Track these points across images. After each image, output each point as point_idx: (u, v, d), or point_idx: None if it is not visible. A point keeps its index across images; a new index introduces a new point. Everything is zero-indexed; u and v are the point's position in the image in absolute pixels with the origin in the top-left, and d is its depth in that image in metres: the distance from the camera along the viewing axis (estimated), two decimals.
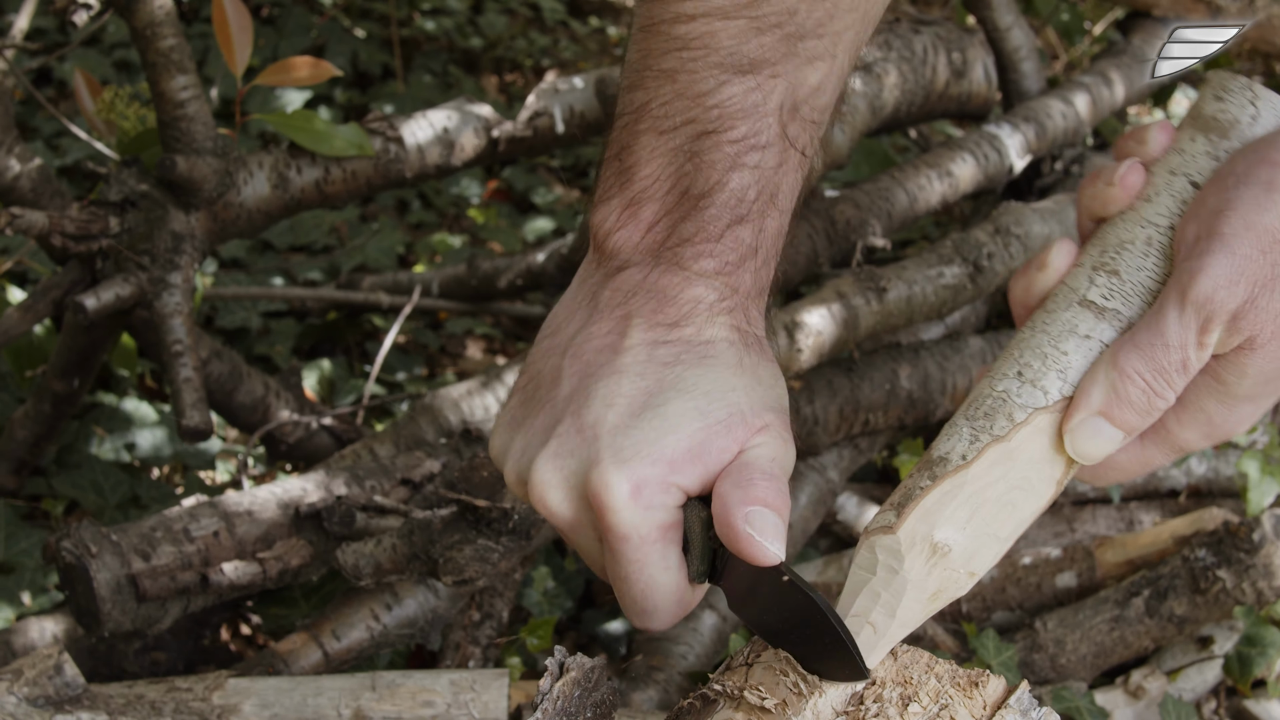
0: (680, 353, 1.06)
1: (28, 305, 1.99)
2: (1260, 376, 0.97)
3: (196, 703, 1.62)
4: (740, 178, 1.07)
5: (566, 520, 1.06)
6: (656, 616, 1.07)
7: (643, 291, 1.08)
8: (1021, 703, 1.05)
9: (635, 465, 1.01)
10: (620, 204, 1.10)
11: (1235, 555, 1.95)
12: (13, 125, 2.02)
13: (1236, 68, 3.25)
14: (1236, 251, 0.95)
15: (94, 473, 2.29)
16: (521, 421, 1.10)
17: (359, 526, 1.78)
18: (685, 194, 1.07)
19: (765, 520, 1.00)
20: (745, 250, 1.08)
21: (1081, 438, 1.01)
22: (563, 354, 1.10)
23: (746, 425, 1.05)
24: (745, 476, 1.02)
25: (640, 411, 1.04)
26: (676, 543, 1.04)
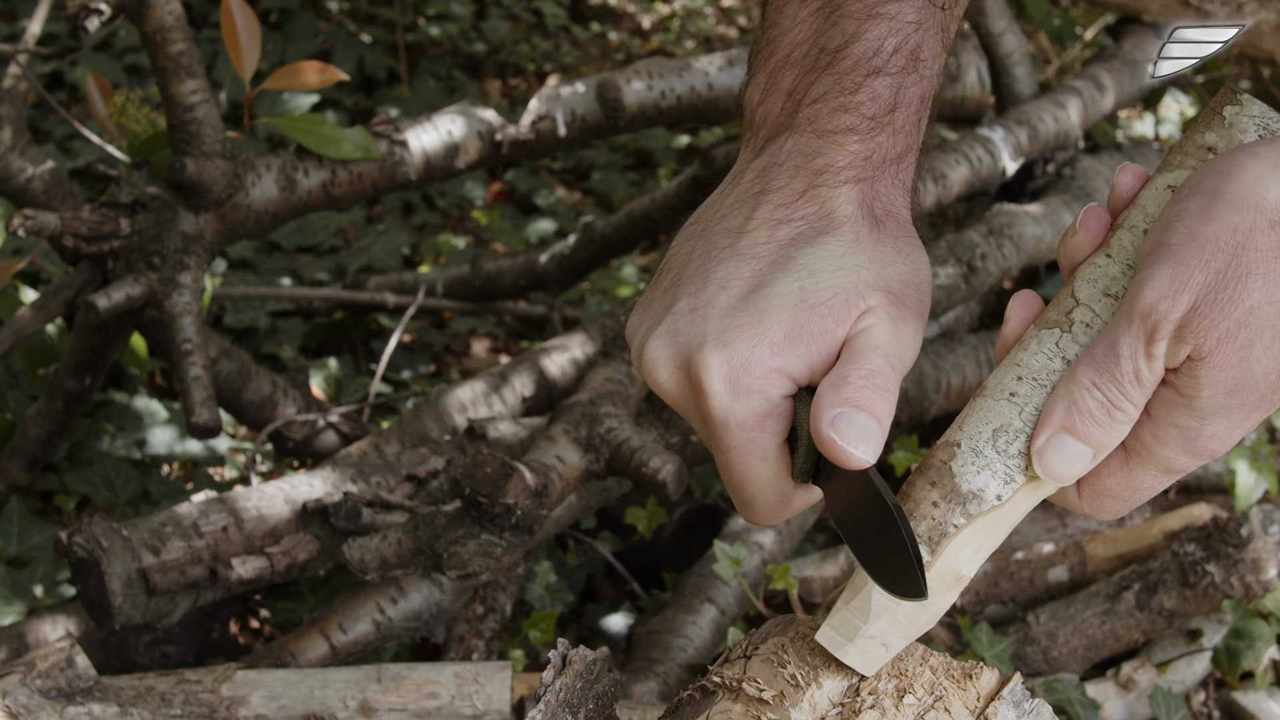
0: (799, 231, 1.03)
1: (40, 305, 1.99)
2: (1218, 387, 0.94)
3: (206, 694, 1.62)
4: (877, 28, 1.04)
5: (674, 398, 1.03)
6: (755, 509, 1.03)
7: (775, 166, 1.05)
8: (1014, 694, 1.05)
9: (736, 347, 0.98)
10: (765, 76, 1.08)
11: (1224, 550, 1.95)
12: (25, 129, 2.02)
13: (1225, 72, 3.25)
14: (1181, 261, 0.92)
15: (105, 469, 2.29)
16: (651, 302, 1.07)
17: (365, 522, 1.78)
18: (822, 51, 1.05)
19: (852, 423, 0.96)
20: (882, 106, 1.04)
21: (1049, 456, 0.98)
22: (698, 237, 1.07)
23: (850, 305, 1.00)
24: (842, 374, 0.98)
25: (749, 293, 1.00)
26: (778, 434, 1.00)
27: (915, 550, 0.97)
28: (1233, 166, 0.93)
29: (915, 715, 1.02)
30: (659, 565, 2.22)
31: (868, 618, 1.01)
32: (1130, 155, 2.75)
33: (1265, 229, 0.91)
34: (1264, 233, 0.91)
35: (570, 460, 1.79)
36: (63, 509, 2.31)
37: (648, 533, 2.11)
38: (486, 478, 1.64)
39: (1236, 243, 0.91)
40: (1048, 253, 2.38)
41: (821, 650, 1.05)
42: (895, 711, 1.02)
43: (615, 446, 1.80)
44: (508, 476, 1.63)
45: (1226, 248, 0.91)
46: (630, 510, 2.11)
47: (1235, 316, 0.92)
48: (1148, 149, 2.86)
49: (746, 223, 1.04)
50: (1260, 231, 0.91)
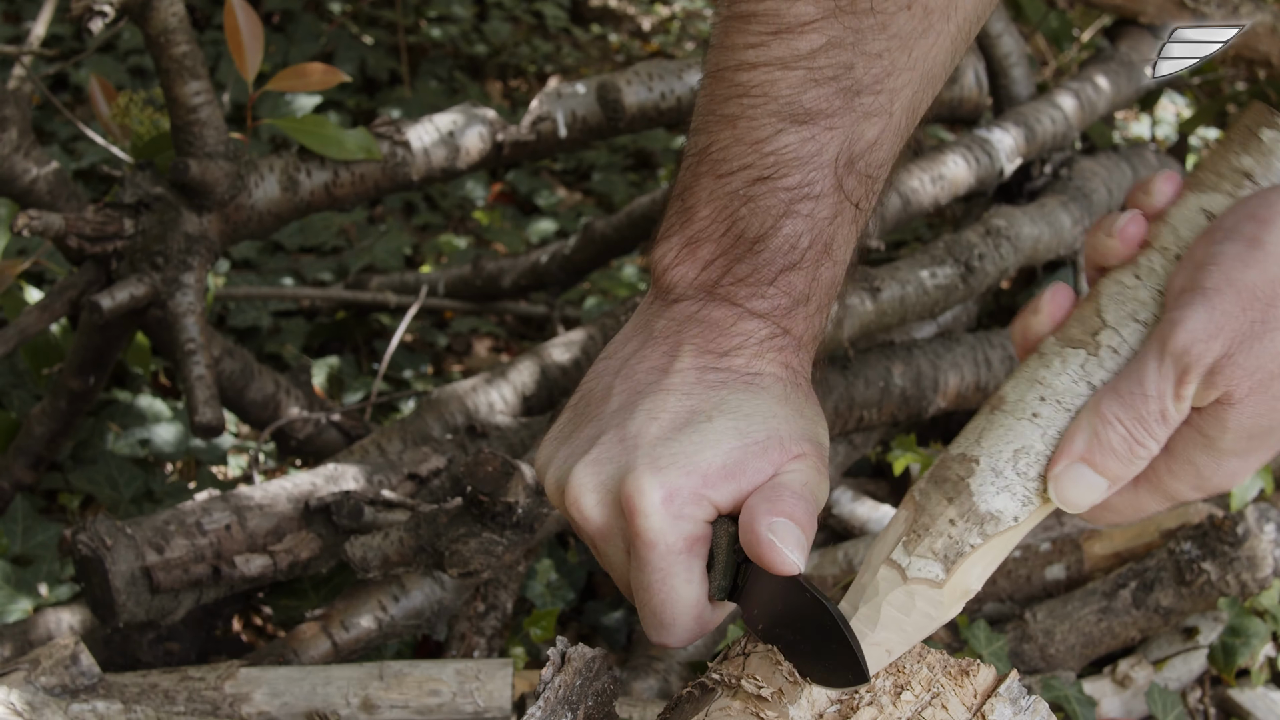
0: (728, 379, 1.07)
1: (45, 305, 1.99)
2: (1242, 431, 0.94)
3: (209, 691, 1.62)
4: (793, 225, 1.07)
5: (597, 526, 1.06)
6: (674, 631, 1.07)
7: (696, 321, 1.09)
8: (1011, 691, 1.05)
9: (670, 474, 1.02)
10: (680, 242, 1.11)
11: (1220, 548, 1.95)
12: (30, 130, 2.02)
13: (1221, 73, 3.25)
14: (1216, 306, 0.92)
15: (109, 468, 2.29)
16: (569, 436, 1.11)
17: (367, 520, 1.78)
18: (740, 237, 1.08)
19: (788, 531, 1.00)
20: (797, 296, 1.09)
21: (1066, 485, 0.99)
22: (615, 374, 1.11)
23: (783, 450, 1.05)
24: (775, 493, 1.03)
25: (682, 426, 1.04)
26: (702, 557, 1.04)
27: (855, 641, 1.00)
28: (1272, 214, 0.93)
29: (913, 712, 1.02)
30: None
31: (875, 627, 1.02)
32: (1127, 156, 2.75)
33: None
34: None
35: None
36: (67, 507, 2.31)
37: None
38: (488, 476, 1.64)
39: (1274, 293, 0.91)
40: (1045, 253, 2.38)
41: None
42: (893, 708, 1.02)
43: None
44: (509, 475, 1.64)
45: (1264, 297, 0.92)
46: None
47: (1270, 367, 0.92)
48: (1145, 150, 2.86)
49: (672, 363, 1.08)
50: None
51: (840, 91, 1.06)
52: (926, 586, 1.00)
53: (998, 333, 2.38)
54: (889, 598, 1.01)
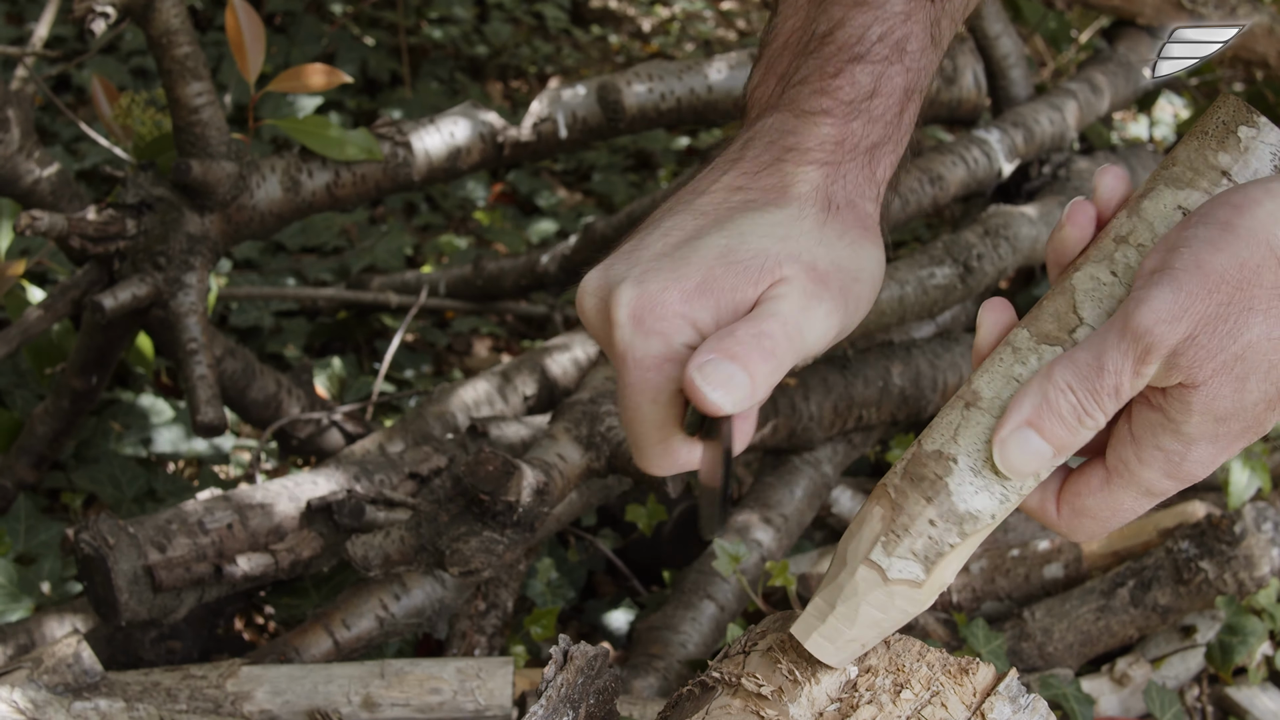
0: (753, 197, 1.02)
1: (47, 304, 1.99)
2: (1207, 415, 0.93)
3: (211, 690, 1.62)
4: (863, 15, 1.04)
5: (593, 328, 1.03)
6: (642, 452, 1.02)
7: (753, 139, 1.06)
8: (1010, 689, 1.05)
9: (646, 286, 0.98)
10: (764, 62, 1.10)
11: (1217, 547, 1.96)
12: (33, 130, 2.02)
13: (1219, 74, 3.25)
14: (1183, 287, 0.91)
15: (111, 467, 2.29)
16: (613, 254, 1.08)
17: (368, 519, 1.78)
18: (812, 36, 1.06)
19: (719, 370, 0.94)
20: (861, 92, 1.04)
21: (1011, 448, 0.96)
22: (674, 198, 1.08)
23: (765, 270, 0.99)
24: (731, 328, 0.96)
25: (681, 243, 1.01)
26: (673, 379, 0.98)
27: (723, 504, 0.98)
28: (1247, 201, 0.92)
29: (912, 710, 1.02)
30: (659, 562, 2.22)
31: (853, 624, 1.01)
32: (1125, 157, 2.75)
33: (1274, 266, 0.90)
34: (1272, 270, 0.90)
35: (571, 458, 1.79)
36: (70, 506, 2.31)
37: (648, 530, 2.11)
38: (489, 475, 1.64)
39: (1242, 277, 0.90)
40: (1043, 253, 2.38)
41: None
42: (893, 706, 1.02)
43: (616, 445, 1.80)
44: (509, 474, 1.64)
45: (1231, 281, 0.90)
46: (631, 508, 2.11)
47: (1233, 350, 0.91)
48: (1142, 150, 2.86)
49: (711, 185, 1.05)
50: (1268, 269, 0.90)
51: None
52: (907, 587, 1.00)
53: None
54: (869, 598, 1.00)
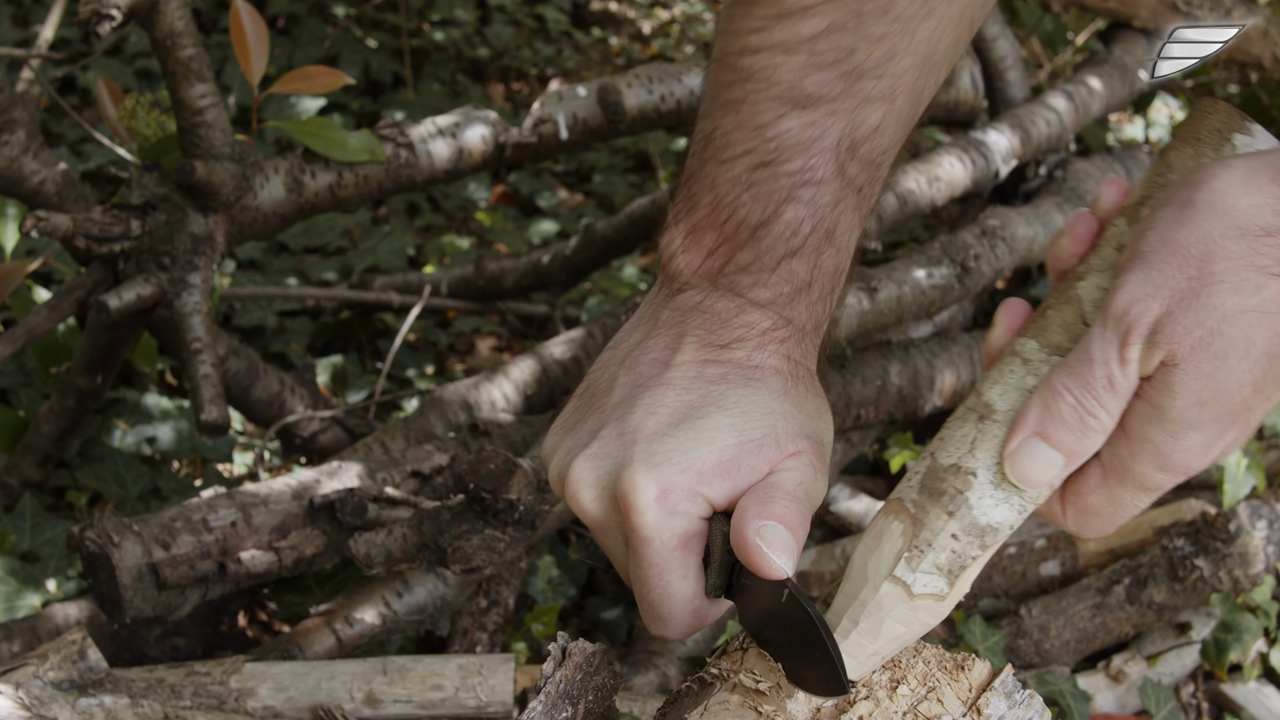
0: (727, 372, 1.06)
1: (53, 304, 1.99)
2: (1191, 397, 0.92)
3: (215, 686, 1.62)
4: (794, 211, 1.06)
5: (596, 520, 1.05)
6: (671, 625, 1.06)
7: (699, 312, 1.08)
8: (1006, 686, 1.05)
9: (665, 470, 1.01)
10: (684, 229, 1.10)
11: (1212, 545, 1.96)
12: (38, 132, 2.02)
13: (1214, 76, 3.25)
14: (1153, 266, 0.92)
15: (116, 465, 2.29)
16: (572, 426, 1.10)
17: (371, 517, 1.78)
18: (742, 224, 1.07)
19: (776, 534, 0.99)
20: (799, 283, 1.07)
21: (1021, 460, 0.97)
22: (619, 365, 1.10)
23: (779, 448, 1.04)
24: (767, 494, 1.01)
25: (679, 422, 1.03)
26: (697, 553, 1.03)
27: (838, 654, 0.99)
28: (1205, 176, 0.93)
29: (909, 706, 1.02)
30: None
31: (877, 639, 1.01)
32: (1121, 158, 2.75)
33: (1234, 237, 0.91)
34: (1234, 240, 0.91)
35: None
36: (75, 504, 2.32)
37: None
38: (490, 474, 1.64)
39: (1207, 250, 0.91)
40: (1040, 253, 2.38)
41: None
42: (889, 702, 1.02)
43: None
44: (511, 472, 1.64)
45: (1197, 254, 0.91)
46: None
47: (1209, 324, 0.91)
48: (1138, 151, 2.86)
49: (674, 356, 1.07)
50: (1230, 239, 0.91)
51: (842, 76, 1.05)
52: (931, 600, 1.00)
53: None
54: (894, 613, 1.00)
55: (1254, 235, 0.91)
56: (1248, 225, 0.91)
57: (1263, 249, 0.91)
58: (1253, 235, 0.91)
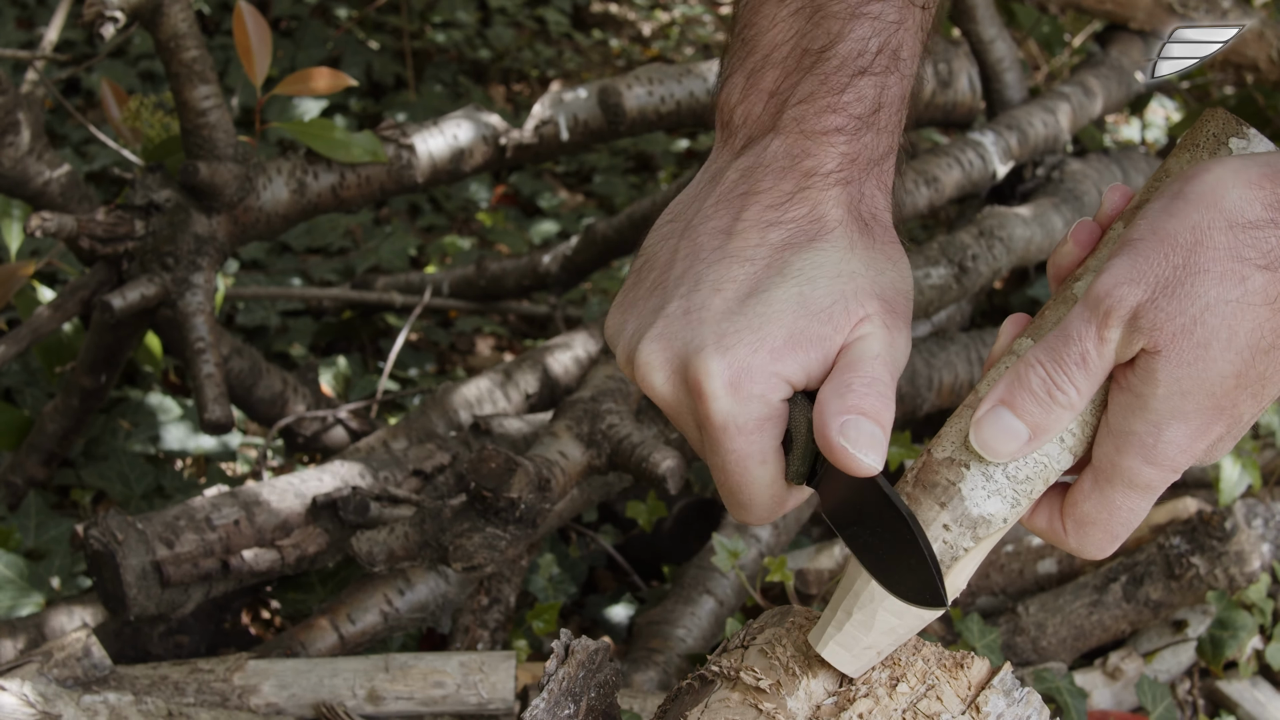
0: (791, 235, 1.00)
1: (57, 304, 1.99)
2: (1174, 386, 0.92)
3: (218, 683, 1.62)
4: (861, 28, 1.01)
5: (668, 402, 1.00)
6: (752, 510, 1.01)
7: (761, 166, 1.01)
8: (1004, 683, 1.05)
9: (736, 352, 0.95)
10: (743, 76, 1.04)
11: (1208, 543, 1.95)
12: (43, 133, 2.02)
13: (1210, 77, 3.25)
14: (1139, 253, 0.92)
15: (120, 464, 2.29)
16: (634, 302, 1.04)
17: (373, 515, 1.78)
18: (806, 52, 1.02)
19: (860, 430, 0.94)
20: (868, 106, 1.02)
21: (985, 428, 0.96)
22: (680, 235, 1.04)
23: (849, 314, 0.98)
24: (845, 380, 0.95)
25: (746, 297, 0.98)
26: (776, 437, 0.98)
27: (934, 560, 0.95)
28: (1197, 171, 0.93)
29: (908, 703, 1.02)
30: (659, 558, 2.22)
31: (870, 632, 1.00)
32: (1117, 159, 2.75)
33: (1222, 228, 0.91)
34: (1221, 232, 0.91)
35: (573, 455, 1.79)
36: (79, 503, 2.31)
37: (648, 526, 2.11)
38: (491, 473, 1.64)
39: (1194, 240, 0.91)
40: (1037, 254, 2.38)
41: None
42: (889, 700, 1.02)
43: (616, 442, 1.80)
44: (512, 471, 1.63)
45: (1185, 244, 0.91)
46: (631, 504, 2.11)
47: (1191, 312, 0.91)
48: (1134, 153, 2.85)
49: (735, 223, 1.01)
50: (1218, 230, 0.91)
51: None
52: None
53: (991, 332, 2.38)
54: (885, 604, 0.99)
55: (1241, 228, 0.91)
56: (1236, 218, 0.91)
57: (1249, 241, 0.91)
58: (1240, 228, 0.91)
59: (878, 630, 1.00)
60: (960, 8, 2.71)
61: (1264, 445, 2.37)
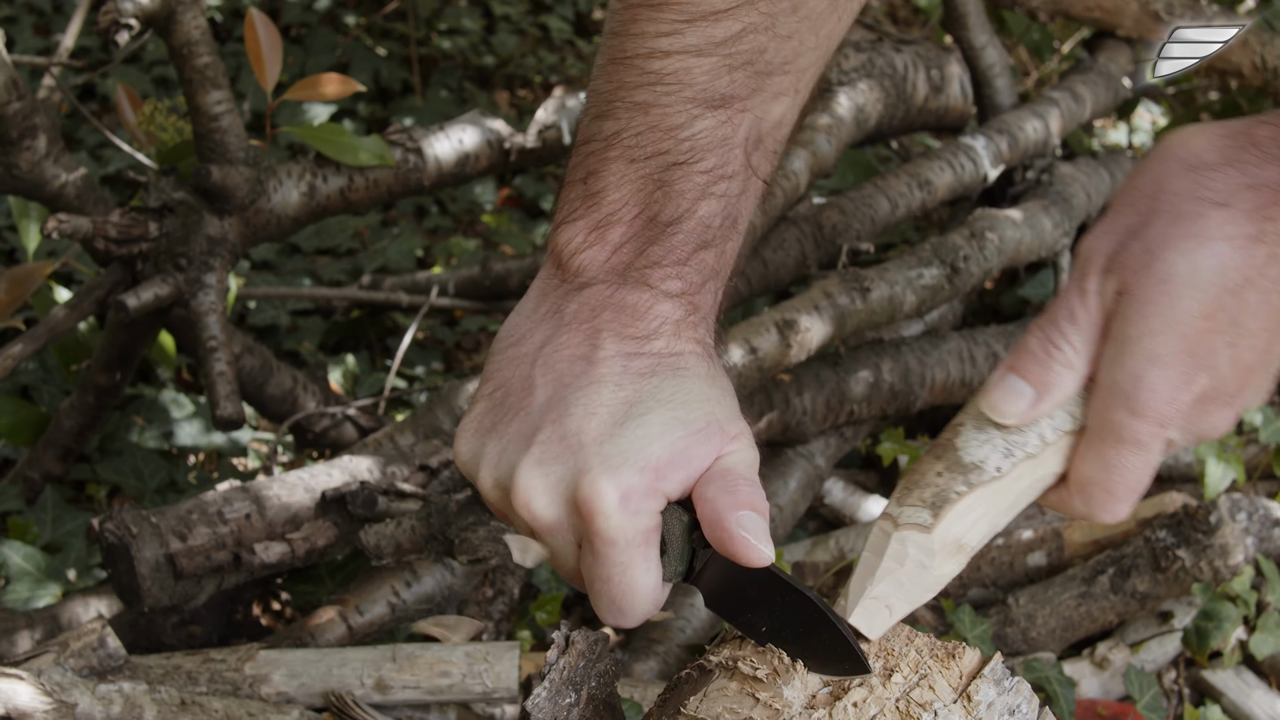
0: (654, 364, 1.03)
1: (73, 304, 1.99)
2: (1143, 325, 0.95)
3: (230, 673, 1.62)
4: (708, 206, 1.05)
5: (548, 525, 1.02)
6: (632, 615, 1.04)
7: (611, 306, 1.04)
8: (995, 673, 1.05)
9: (624, 473, 0.99)
10: (587, 226, 1.06)
11: (1194, 536, 1.95)
12: (59, 137, 2.02)
13: (1195, 84, 3.25)
14: (1113, 210, 0.99)
15: (135, 460, 2.29)
16: (492, 428, 1.06)
17: (380, 509, 1.78)
18: (654, 219, 1.05)
19: (755, 524, 0.99)
20: (708, 272, 1.06)
21: (994, 391, 1.02)
22: (532, 364, 1.05)
23: (723, 433, 1.03)
24: (730, 483, 1.00)
25: (623, 420, 1.01)
26: (656, 545, 1.02)
27: (846, 627, 0.99)
28: (1163, 137, 1.00)
29: (901, 692, 1.02)
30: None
31: (873, 579, 1.02)
32: (1105, 163, 2.75)
33: (1181, 173, 0.96)
34: (1179, 177, 0.96)
35: None
36: (94, 497, 2.31)
37: None
38: None
39: (1156, 187, 0.97)
40: (1027, 255, 2.38)
41: None
42: (883, 689, 1.02)
43: None
44: None
45: (1148, 192, 0.97)
46: None
47: (1152, 249, 0.95)
48: (1122, 156, 2.85)
49: (595, 351, 1.03)
50: (1177, 176, 0.96)
51: (753, 75, 1.04)
52: (916, 531, 1.01)
53: (982, 330, 2.38)
54: (884, 549, 1.02)
55: (1197, 169, 0.96)
56: (1193, 161, 0.96)
57: (1205, 181, 0.95)
58: (1197, 170, 0.96)
59: (881, 578, 1.03)
60: (952, 15, 2.71)
61: (1248, 440, 2.37)
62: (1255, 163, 0.94)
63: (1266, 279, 0.95)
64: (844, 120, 2.42)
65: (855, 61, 2.53)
